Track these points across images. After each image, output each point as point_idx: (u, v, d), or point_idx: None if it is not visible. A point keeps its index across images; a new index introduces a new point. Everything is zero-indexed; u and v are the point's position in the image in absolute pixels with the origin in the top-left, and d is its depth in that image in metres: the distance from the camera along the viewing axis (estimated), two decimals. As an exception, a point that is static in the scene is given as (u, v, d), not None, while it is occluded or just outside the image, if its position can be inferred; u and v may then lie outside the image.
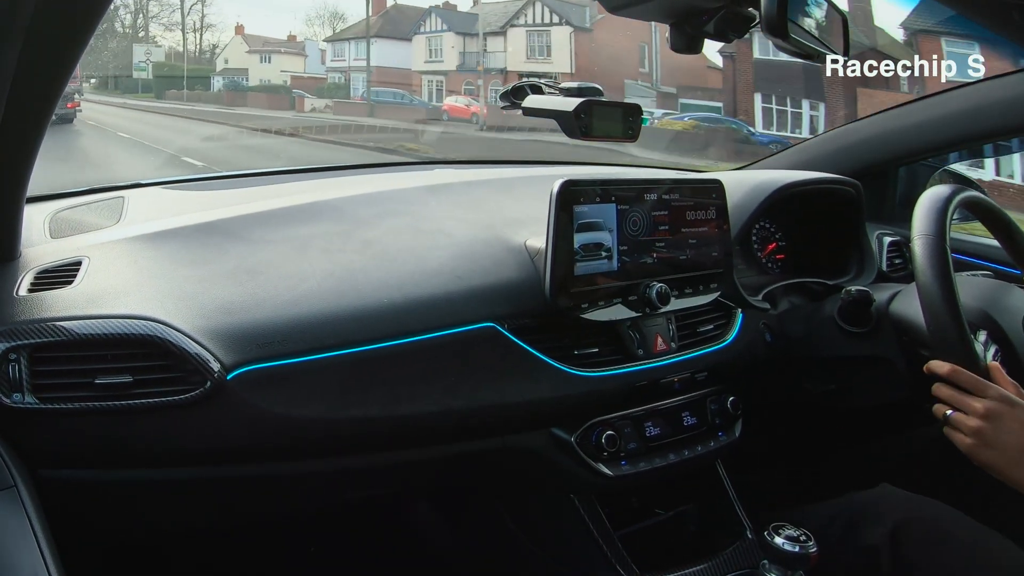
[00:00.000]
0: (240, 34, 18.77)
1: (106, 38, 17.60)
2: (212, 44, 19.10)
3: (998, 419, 0.96)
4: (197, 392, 0.86)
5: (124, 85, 17.49)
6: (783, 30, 0.78)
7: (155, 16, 19.05)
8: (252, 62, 18.21)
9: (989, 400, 0.97)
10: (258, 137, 10.77)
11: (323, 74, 18.19)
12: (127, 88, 17.43)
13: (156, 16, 19.06)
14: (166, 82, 17.62)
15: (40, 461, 0.87)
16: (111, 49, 17.91)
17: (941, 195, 1.06)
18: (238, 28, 18.89)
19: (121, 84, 17.59)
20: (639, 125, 1.00)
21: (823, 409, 1.36)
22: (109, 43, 17.81)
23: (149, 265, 0.98)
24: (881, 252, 1.50)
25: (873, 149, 1.61)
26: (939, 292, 1.00)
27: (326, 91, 17.51)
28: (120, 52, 17.90)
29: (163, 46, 18.49)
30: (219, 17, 19.59)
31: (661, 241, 1.09)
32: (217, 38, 19.06)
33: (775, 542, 0.96)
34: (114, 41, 18.05)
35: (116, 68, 17.60)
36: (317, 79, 18.11)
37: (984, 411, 0.96)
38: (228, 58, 18.46)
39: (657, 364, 1.11)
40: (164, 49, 18.40)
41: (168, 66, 18.12)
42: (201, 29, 19.10)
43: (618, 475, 1.07)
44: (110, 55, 17.85)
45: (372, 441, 0.97)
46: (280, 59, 18.41)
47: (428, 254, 1.05)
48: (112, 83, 17.74)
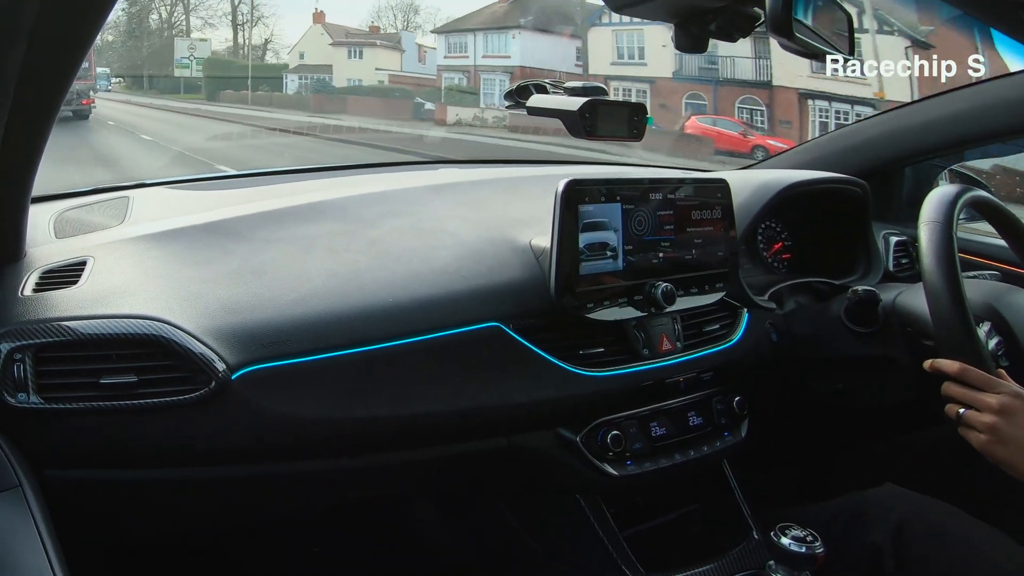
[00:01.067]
0: (320, 23, 15.54)
1: (139, 37, 15.85)
2: (264, 39, 16.42)
3: (1012, 414, 0.95)
4: (202, 392, 0.86)
5: (162, 85, 15.36)
6: (788, 29, 0.78)
7: (195, 7, 16.55)
8: (337, 57, 15.12)
9: (1002, 395, 0.96)
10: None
11: (430, 74, 14.83)
12: (165, 88, 15.31)
13: (195, 8, 16.60)
14: (219, 82, 15.16)
15: (45, 461, 0.87)
16: (147, 47, 15.93)
17: (949, 191, 1.06)
18: (317, 15, 15.60)
19: (159, 84, 15.51)
20: (644, 125, 1.00)
21: (829, 409, 1.35)
22: (143, 41, 15.90)
23: (154, 265, 0.98)
24: (887, 252, 1.49)
25: (879, 148, 1.61)
26: (943, 276, 0.99)
27: (446, 96, 13.89)
28: (158, 49, 15.77)
29: (208, 39, 15.86)
30: (287, 4, 16.55)
31: (666, 241, 1.08)
32: (270, 31, 16.28)
33: (781, 542, 0.96)
34: (148, 40, 16.15)
35: (153, 67, 15.55)
36: (422, 80, 14.72)
37: (998, 406, 0.95)
38: (305, 51, 15.31)
39: (663, 364, 1.10)
40: (209, 43, 15.73)
41: (222, 62, 15.55)
42: (251, 21, 16.28)
43: (623, 475, 1.07)
44: (144, 52, 15.81)
45: (377, 441, 0.97)
46: (374, 54, 15.01)
47: (433, 254, 1.05)
48: (147, 82, 15.69)
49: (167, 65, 15.48)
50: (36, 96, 0.73)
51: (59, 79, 0.74)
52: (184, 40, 15.76)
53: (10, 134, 0.74)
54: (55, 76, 0.73)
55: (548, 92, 1.00)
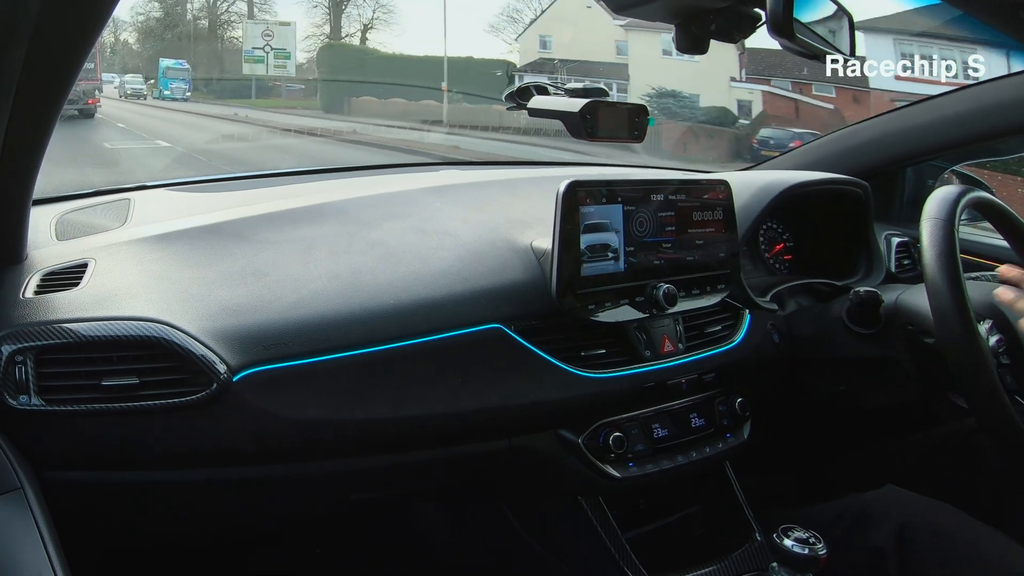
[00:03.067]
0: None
1: (195, 40, 11.72)
2: (363, 24, 11.87)
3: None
4: (203, 394, 0.86)
5: (221, 89, 11.15)
6: (789, 30, 0.78)
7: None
8: (641, 48, 9.84)
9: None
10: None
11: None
12: (225, 92, 11.15)
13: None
14: (335, 88, 10.61)
15: (46, 463, 0.87)
16: (210, 50, 11.63)
17: (952, 191, 1.06)
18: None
19: (217, 87, 11.33)
20: (645, 126, 1.00)
21: (831, 410, 1.35)
22: (197, 44, 11.67)
23: (155, 267, 0.98)
24: (889, 253, 1.49)
25: (881, 149, 1.61)
26: (944, 273, 0.99)
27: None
28: (210, 41, 11.47)
29: (291, 22, 11.19)
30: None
31: (668, 242, 1.08)
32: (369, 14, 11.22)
33: (784, 544, 0.95)
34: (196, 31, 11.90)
35: (209, 65, 11.42)
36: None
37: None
38: (551, 35, 9.66)
39: (664, 365, 1.10)
40: (293, 28, 10.99)
41: (352, 51, 10.58)
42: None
43: (626, 476, 1.07)
44: (195, 47, 11.63)
45: (378, 443, 0.97)
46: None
47: (434, 255, 1.05)
48: (203, 85, 11.57)
49: (228, 62, 11.49)
50: (38, 97, 0.73)
51: (61, 80, 0.74)
52: (257, 24, 11.27)
53: (11, 136, 0.74)
54: (57, 77, 0.73)
55: (549, 93, 1.00)
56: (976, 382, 0.98)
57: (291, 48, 11.03)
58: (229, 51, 11.85)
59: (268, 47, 10.78)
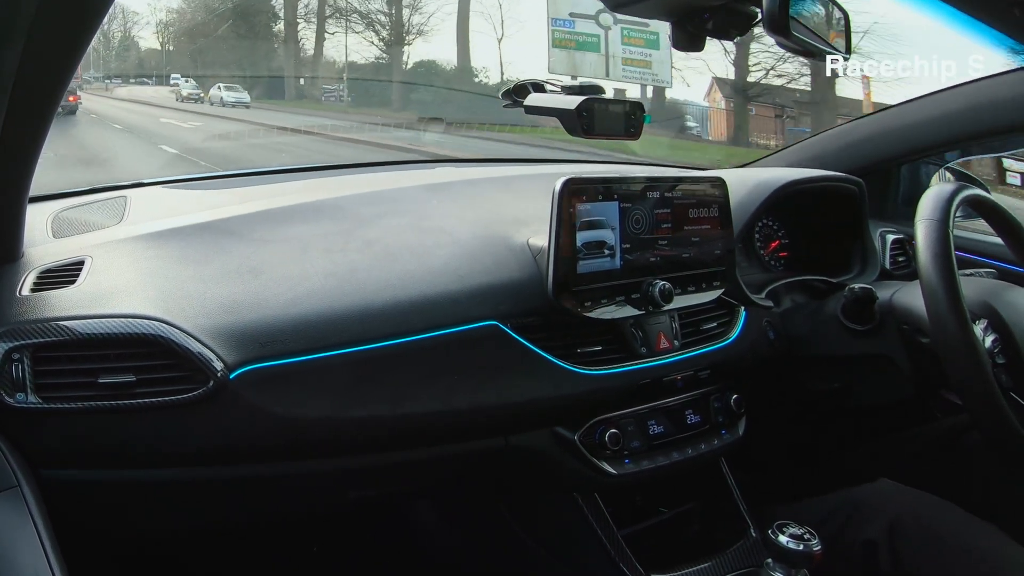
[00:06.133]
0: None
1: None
2: (418, 23, 10.81)
3: None
4: (200, 391, 0.86)
5: (260, 89, 10.29)
6: (785, 28, 0.78)
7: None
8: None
9: None
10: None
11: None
12: (262, 93, 10.36)
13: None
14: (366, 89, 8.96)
15: (43, 461, 0.87)
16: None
17: (946, 189, 1.06)
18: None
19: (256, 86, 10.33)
20: (641, 123, 1.00)
21: (826, 407, 1.35)
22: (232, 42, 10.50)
23: (152, 264, 0.98)
24: (884, 250, 1.49)
25: (876, 147, 1.61)
26: (939, 273, 0.99)
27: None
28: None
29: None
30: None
31: (664, 239, 1.08)
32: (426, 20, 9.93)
33: (779, 540, 0.96)
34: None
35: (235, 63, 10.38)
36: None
37: None
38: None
39: (660, 362, 1.10)
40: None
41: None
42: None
43: (621, 473, 1.07)
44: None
45: (375, 441, 0.97)
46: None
47: (430, 253, 1.05)
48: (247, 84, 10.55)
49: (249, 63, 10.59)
50: (34, 95, 0.73)
51: (57, 78, 0.74)
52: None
53: (7, 134, 0.74)
54: (53, 75, 0.73)
55: (545, 91, 1.01)
56: (973, 385, 0.99)
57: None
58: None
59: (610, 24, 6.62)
